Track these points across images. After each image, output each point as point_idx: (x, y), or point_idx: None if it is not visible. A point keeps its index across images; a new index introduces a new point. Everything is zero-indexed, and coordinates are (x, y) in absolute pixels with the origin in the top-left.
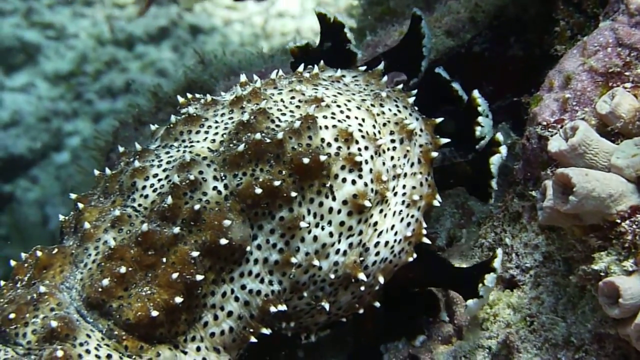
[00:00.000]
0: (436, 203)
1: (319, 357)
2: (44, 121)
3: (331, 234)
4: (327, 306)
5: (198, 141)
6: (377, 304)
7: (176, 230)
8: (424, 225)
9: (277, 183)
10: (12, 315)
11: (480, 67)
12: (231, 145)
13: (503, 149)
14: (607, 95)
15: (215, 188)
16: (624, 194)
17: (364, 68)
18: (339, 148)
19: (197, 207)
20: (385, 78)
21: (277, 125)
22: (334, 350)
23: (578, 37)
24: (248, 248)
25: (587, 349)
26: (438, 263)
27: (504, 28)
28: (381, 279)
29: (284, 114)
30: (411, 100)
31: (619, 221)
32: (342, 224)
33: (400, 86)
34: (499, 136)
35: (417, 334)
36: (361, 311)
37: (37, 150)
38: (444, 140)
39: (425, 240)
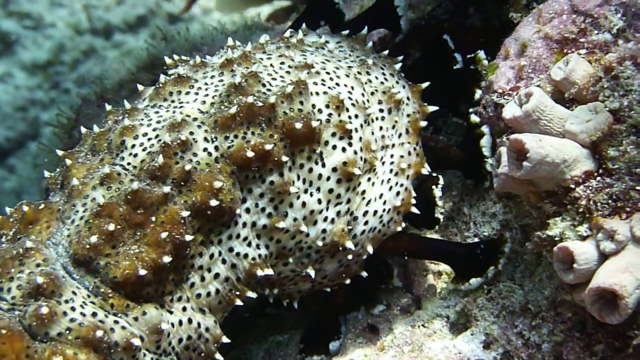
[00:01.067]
0: (425, 172)
1: (279, 328)
2: (21, 110)
3: (319, 201)
4: (312, 273)
5: (188, 102)
6: (364, 274)
7: (166, 189)
8: (413, 194)
9: (268, 146)
10: None
11: None
12: (222, 107)
13: (485, 129)
14: (561, 62)
15: (205, 149)
16: (578, 159)
17: (346, 32)
18: (329, 115)
19: (188, 167)
20: (370, 43)
21: (268, 90)
22: (294, 321)
23: (534, 4)
24: (237, 210)
25: (544, 315)
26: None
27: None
28: (370, 249)
29: (274, 79)
30: (397, 66)
31: (573, 186)
32: (330, 191)
33: (386, 52)
34: (474, 117)
35: (375, 304)
36: (348, 281)
37: (14, 139)
38: (432, 108)
39: (414, 210)
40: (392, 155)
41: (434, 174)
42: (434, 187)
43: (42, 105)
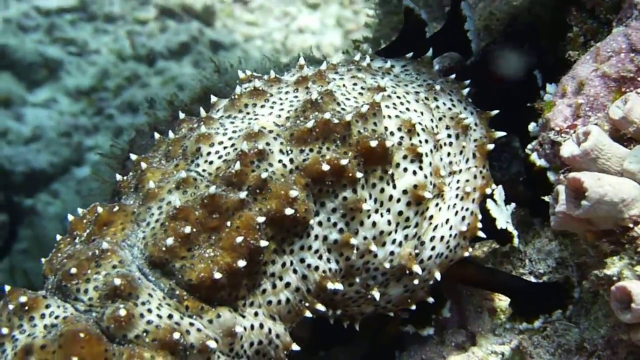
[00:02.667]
0: (488, 191)
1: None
2: (65, 136)
3: (389, 222)
4: (377, 295)
5: (263, 115)
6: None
7: (243, 195)
8: (479, 217)
9: (344, 162)
10: (73, 270)
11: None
12: (298, 121)
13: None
14: (619, 101)
15: (280, 161)
16: (637, 199)
17: (410, 55)
18: (401, 138)
19: (264, 175)
20: (436, 67)
21: (342, 109)
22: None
23: (591, 43)
24: (311, 222)
25: (600, 354)
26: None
27: (518, 35)
28: (437, 275)
29: (348, 99)
30: (465, 91)
31: (631, 226)
32: (400, 213)
33: (453, 76)
34: (534, 157)
35: (425, 326)
36: (413, 307)
37: (58, 164)
38: (500, 134)
39: (481, 234)
40: (458, 181)
41: (493, 188)
42: (487, 200)
43: (86, 131)
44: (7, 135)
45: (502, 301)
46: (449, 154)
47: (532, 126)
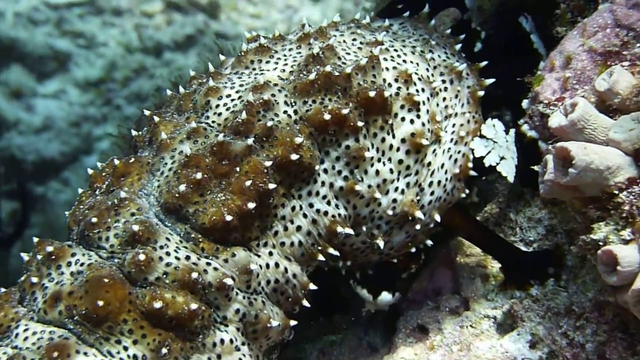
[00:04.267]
0: (484, 130)
1: (332, 329)
2: (74, 126)
3: (391, 171)
4: (381, 244)
5: (268, 70)
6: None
7: (250, 141)
8: (471, 158)
9: (345, 111)
10: (94, 220)
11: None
12: (301, 75)
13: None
14: (605, 74)
15: (285, 112)
16: (622, 167)
17: (408, 14)
18: (398, 88)
19: (269, 123)
20: (433, 21)
21: (343, 63)
22: (346, 323)
23: (578, 19)
24: (316, 167)
25: (588, 316)
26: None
27: (509, 14)
28: (437, 217)
29: (348, 53)
30: (458, 47)
31: (616, 192)
32: (400, 162)
33: (449, 31)
34: (525, 128)
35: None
36: (413, 250)
37: (68, 153)
38: (489, 81)
39: (472, 172)
40: (454, 125)
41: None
42: (474, 139)
43: (95, 121)
44: (18, 126)
45: (494, 268)
46: (444, 98)
47: (525, 102)
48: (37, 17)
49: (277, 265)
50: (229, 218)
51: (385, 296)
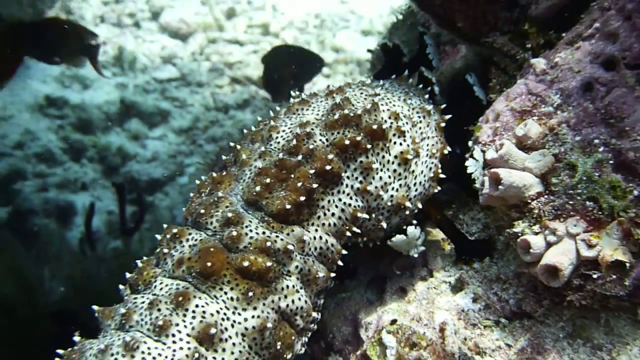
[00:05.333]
0: (446, 152)
1: (344, 289)
2: (172, 157)
3: (389, 177)
4: (385, 225)
5: (308, 114)
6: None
7: (299, 158)
8: (439, 167)
9: (358, 138)
10: (202, 211)
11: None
12: (329, 116)
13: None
14: (522, 125)
15: (320, 139)
16: (533, 185)
17: (394, 76)
18: (391, 123)
19: (311, 146)
20: (410, 80)
21: (355, 107)
22: (353, 286)
23: (504, 89)
24: (342, 174)
25: (510, 282)
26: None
27: (459, 85)
28: (420, 205)
29: (358, 101)
30: (426, 96)
31: (529, 201)
32: (394, 170)
33: (421, 86)
34: (469, 162)
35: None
36: (405, 227)
37: (167, 175)
38: (448, 116)
39: (442, 175)
40: (427, 145)
41: (448, 150)
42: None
43: (185, 154)
44: (136, 157)
45: (449, 248)
46: (420, 127)
47: (470, 142)
48: (148, 87)
49: (320, 238)
50: (288, 207)
51: (412, 230)
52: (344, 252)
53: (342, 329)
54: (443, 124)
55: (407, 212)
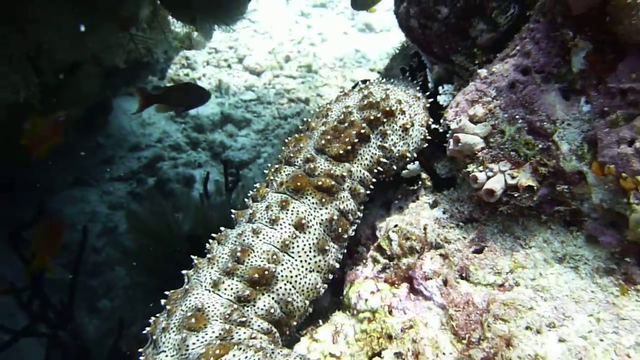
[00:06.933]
0: (430, 123)
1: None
2: (253, 148)
3: (397, 138)
4: (395, 167)
5: (348, 101)
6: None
7: (346, 125)
8: (426, 132)
9: (378, 115)
10: (292, 155)
11: None
12: (360, 102)
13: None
14: (472, 108)
15: (357, 115)
16: (478, 143)
17: (400, 77)
18: (397, 105)
19: (352, 119)
20: (409, 78)
21: (375, 97)
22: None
23: (462, 89)
24: (370, 136)
25: (465, 201)
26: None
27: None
28: (415, 155)
29: (377, 93)
30: (417, 87)
31: (477, 153)
32: (400, 135)
33: (415, 81)
34: (436, 127)
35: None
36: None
37: (250, 158)
38: (430, 100)
39: (428, 136)
40: (419, 117)
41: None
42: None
43: (261, 145)
44: (231, 147)
45: (430, 184)
46: (414, 108)
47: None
48: (237, 105)
49: (360, 171)
50: (341, 152)
51: (412, 165)
52: (374, 179)
53: (365, 231)
54: (428, 105)
55: (408, 160)
